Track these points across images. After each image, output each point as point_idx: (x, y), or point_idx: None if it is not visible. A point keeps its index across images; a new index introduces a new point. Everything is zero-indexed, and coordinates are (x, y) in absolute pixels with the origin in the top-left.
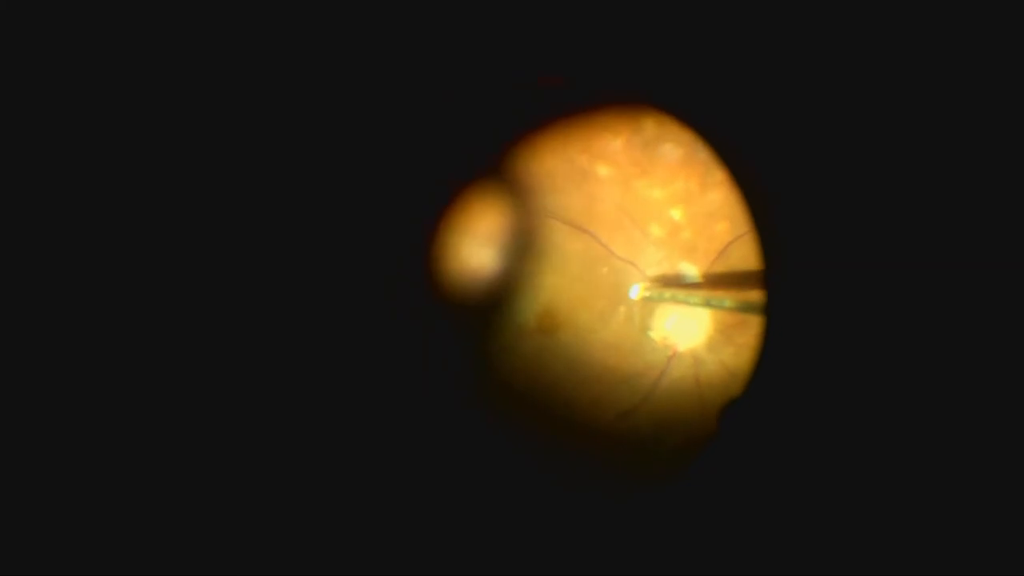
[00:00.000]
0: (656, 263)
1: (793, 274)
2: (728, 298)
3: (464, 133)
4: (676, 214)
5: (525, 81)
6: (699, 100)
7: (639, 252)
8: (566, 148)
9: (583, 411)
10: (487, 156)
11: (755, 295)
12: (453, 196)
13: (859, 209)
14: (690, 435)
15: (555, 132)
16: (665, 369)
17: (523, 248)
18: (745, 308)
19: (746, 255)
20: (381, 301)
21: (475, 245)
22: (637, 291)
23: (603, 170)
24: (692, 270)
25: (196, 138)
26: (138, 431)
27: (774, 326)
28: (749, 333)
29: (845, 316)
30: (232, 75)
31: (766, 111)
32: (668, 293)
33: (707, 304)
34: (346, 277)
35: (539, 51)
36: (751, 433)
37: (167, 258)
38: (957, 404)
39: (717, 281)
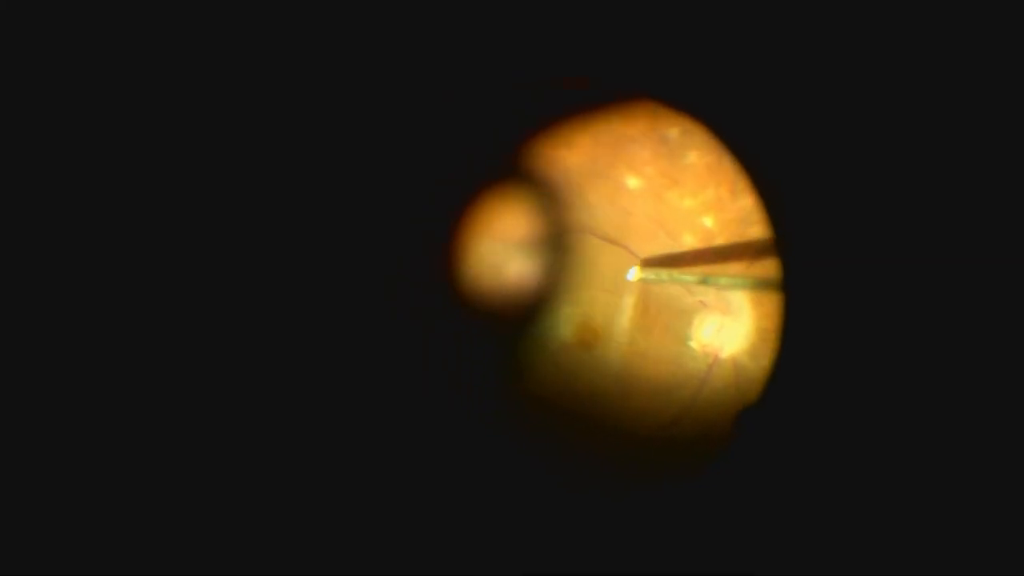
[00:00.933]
0: (692, 273)
1: (806, 274)
2: (724, 275)
3: (476, 135)
4: (708, 222)
5: (547, 82)
6: (716, 101)
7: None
8: (596, 161)
9: (625, 424)
10: (505, 158)
11: (752, 270)
12: (457, 197)
13: (873, 207)
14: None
15: (583, 144)
16: (706, 378)
17: (555, 254)
18: (742, 284)
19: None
20: (381, 301)
21: (503, 250)
22: (634, 273)
23: (633, 182)
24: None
25: (210, 139)
26: (138, 431)
27: (789, 331)
28: None
29: (862, 317)
30: (240, 75)
31: (778, 109)
32: (665, 273)
33: (703, 282)
34: (347, 277)
35: (560, 53)
36: (766, 435)
37: (169, 258)
38: (967, 406)
39: (713, 257)
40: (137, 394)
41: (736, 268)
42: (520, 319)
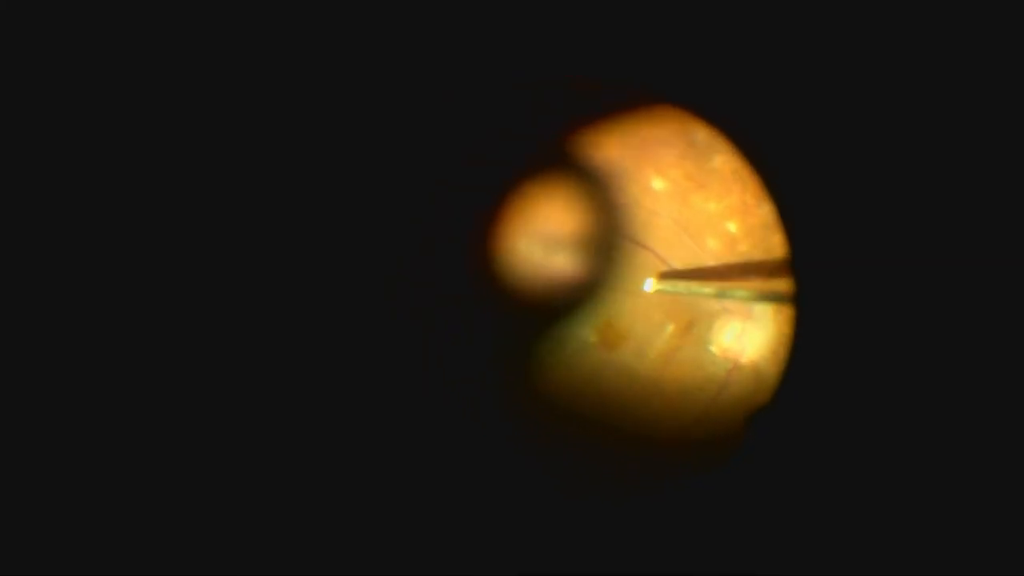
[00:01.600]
0: (709, 286)
1: (817, 276)
2: (742, 288)
3: (485, 134)
4: (732, 227)
5: (561, 82)
6: (737, 108)
7: (697, 266)
8: (623, 162)
9: (643, 427)
10: (540, 155)
11: (770, 284)
12: (490, 194)
13: (882, 208)
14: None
15: (610, 145)
16: (725, 383)
17: (601, 251)
18: (759, 298)
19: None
20: (381, 301)
21: (539, 247)
22: (651, 284)
23: (659, 184)
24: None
25: (206, 139)
26: (138, 431)
27: (802, 334)
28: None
29: (875, 319)
30: (239, 74)
31: (789, 109)
32: (682, 285)
33: (721, 295)
34: (347, 277)
35: (580, 54)
36: (779, 437)
37: (168, 258)
38: (977, 409)
39: (731, 271)
40: (137, 393)
41: (754, 282)
42: (550, 317)
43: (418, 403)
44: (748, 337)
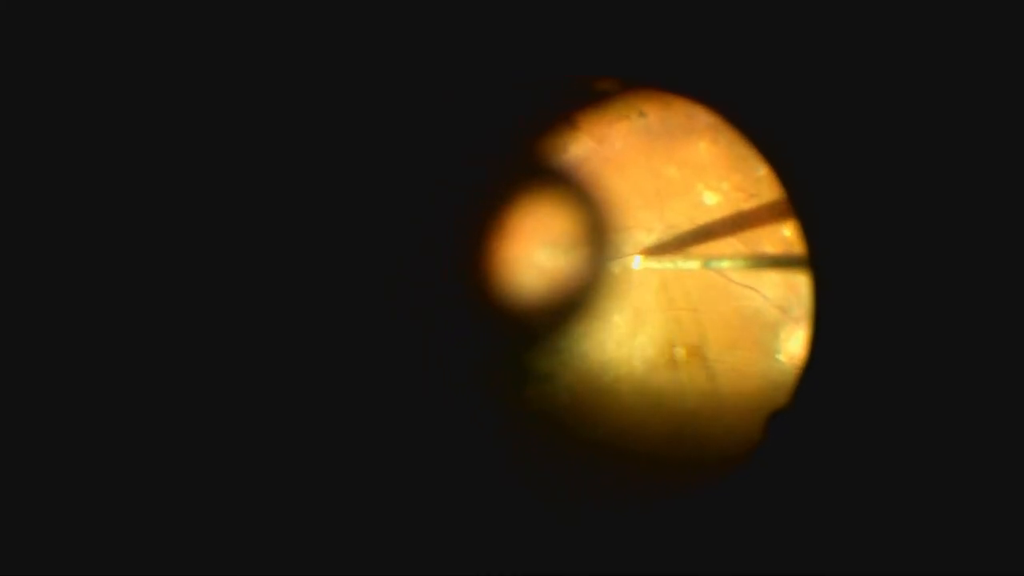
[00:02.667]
0: (772, 284)
1: (839, 278)
2: (727, 257)
3: (482, 133)
4: (787, 231)
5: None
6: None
7: (756, 274)
8: (671, 181)
9: (717, 442)
10: (519, 158)
11: (752, 252)
12: (465, 198)
13: (899, 206)
14: None
15: (656, 164)
16: (796, 390)
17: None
18: (741, 265)
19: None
20: (381, 301)
21: (541, 252)
22: (639, 262)
23: (710, 198)
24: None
25: (200, 139)
26: (138, 431)
27: (818, 333)
28: None
29: (894, 320)
30: (245, 74)
31: (803, 104)
32: (669, 260)
33: (706, 265)
34: (347, 277)
35: (581, 54)
36: (799, 437)
37: (168, 258)
38: (996, 413)
39: (712, 237)
40: (139, 394)
41: (740, 249)
42: (548, 322)
43: (422, 406)
44: None
